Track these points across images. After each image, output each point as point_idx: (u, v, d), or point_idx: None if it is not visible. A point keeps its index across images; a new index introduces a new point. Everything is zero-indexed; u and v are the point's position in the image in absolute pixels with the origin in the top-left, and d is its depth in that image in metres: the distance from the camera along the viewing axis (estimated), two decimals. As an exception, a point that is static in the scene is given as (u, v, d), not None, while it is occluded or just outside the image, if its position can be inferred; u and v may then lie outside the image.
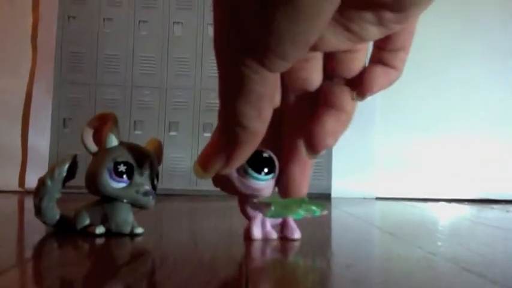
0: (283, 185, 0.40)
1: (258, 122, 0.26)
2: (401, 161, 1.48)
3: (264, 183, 0.45)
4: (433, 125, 1.49)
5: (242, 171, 0.44)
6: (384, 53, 0.29)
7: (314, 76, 0.30)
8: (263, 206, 0.49)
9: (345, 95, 0.30)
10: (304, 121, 0.30)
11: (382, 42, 0.28)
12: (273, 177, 0.44)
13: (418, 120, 1.49)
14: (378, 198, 1.44)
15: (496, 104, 1.50)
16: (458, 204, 1.30)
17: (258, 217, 0.50)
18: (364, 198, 1.43)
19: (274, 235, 0.51)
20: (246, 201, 0.49)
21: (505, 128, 1.50)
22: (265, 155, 0.42)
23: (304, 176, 0.36)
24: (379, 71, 0.29)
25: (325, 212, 0.51)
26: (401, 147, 1.49)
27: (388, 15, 0.23)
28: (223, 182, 0.44)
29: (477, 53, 1.51)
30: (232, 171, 0.43)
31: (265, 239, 0.50)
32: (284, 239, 0.51)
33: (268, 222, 0.51)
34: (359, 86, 0.29)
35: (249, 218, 0.50)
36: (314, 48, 0.25)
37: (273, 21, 0.20)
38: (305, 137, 0.30)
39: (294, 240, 0.51)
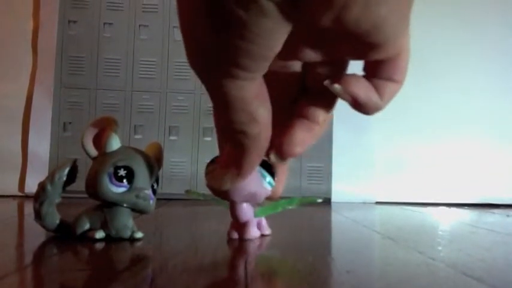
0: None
1: (256, 126, 0.26)
2: (401, 165, 1.48)
3: (271, 188, 0.46)
4: (433, 129, 1.49)
5: (261, 180, 0.45)
6: (370, 77, 0.27)
7: (293, 78, 0.30)
8: (254, 208, 0.56)
9: (318, 107, 0.30)
10: (276, 130, 0.30)
11: (369, 67, 0.27)
12: None
13: (417, 125, 1.49)
14: (377, 203, 1.44)
15: (497, 109, 1.50)
16: (458, 209, 1.30)
17: (253, 219, 0.55)
18: (364, 203, 1.43)
19: (259, 234, 0.57)
20: (240, 205, 0.52)
21: (505, 132, 1.50)
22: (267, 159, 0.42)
23: (281, 179, 0.37)
24: (354, 80, 0.27)
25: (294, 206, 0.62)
26: (401, 152, 1.49)
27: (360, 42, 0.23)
28: (242, 193, 0.46)
29: (477, 56, 1.51)
30: (252, 182, 0.44)
31: (255, 238, 0.56)
32: (262, 236, 0.58)
33: (255, 223, 0.57)
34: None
35: (245, 221, 0.54)
36: (286, 58, 0.26)
37: (227, 41, 0.22)
38: (274, 143, 0.30)
39: (266, 236, 0.58)
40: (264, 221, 0.59)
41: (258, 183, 0.46)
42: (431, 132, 1.49)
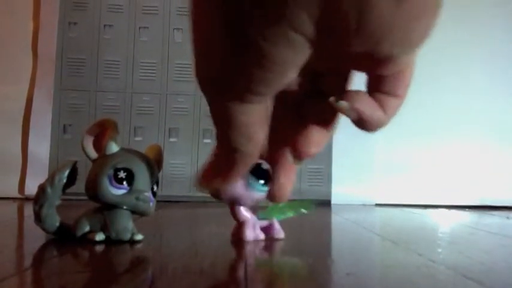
0: (270, 191, 0.41)
1: (251, 146, 0.27)
2: (401, 167, 1.48)
3: (264, 193, 0.47)
4: (433, 131, 1.49)
5: (247, 185, 0.48)
6: (373, 91, 0.27)
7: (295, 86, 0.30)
8: (257, 209, 0.56)
9: (329, 112, 0.30)
10: (290, 131, 0.30)
11: (373, 81, 0.27)
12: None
13: (417, 127, 1.49)
14: (377, 205, 1.44)
15: (496, 111, 1.50)
16: (458, 211, 1.30)
17: (250, 220, 0.55)
18: (364, 205, 1.43)
19: (262, 236, 0.56)
20: (238, 206, 0.53)
21: (505, 135, 1.50)
22: (263, 167, 0.43)
23: (289, 182, 0.37)
24: (359, 96, 0.27)
25: (310, 210, 0.62)
26: (401, 154, 1.49)
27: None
28: (227, 194, 0.47)
29: (477, 58, 1.51)
30: (238, 186, 0.47)
31: (256, 240, 0.55)
32: (271, 239, 0.57)
33: (258, 225, 0.56)
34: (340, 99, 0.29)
35: (241, 222, 0.55)
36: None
37: (245, 68, 0.22)
38: (291, 146, 0.31)
39: (279, 239, 0.57)
40: (276, 224, 0.58)
41: (243, 187, 0.48)
42: (431, 134, 1.49)
